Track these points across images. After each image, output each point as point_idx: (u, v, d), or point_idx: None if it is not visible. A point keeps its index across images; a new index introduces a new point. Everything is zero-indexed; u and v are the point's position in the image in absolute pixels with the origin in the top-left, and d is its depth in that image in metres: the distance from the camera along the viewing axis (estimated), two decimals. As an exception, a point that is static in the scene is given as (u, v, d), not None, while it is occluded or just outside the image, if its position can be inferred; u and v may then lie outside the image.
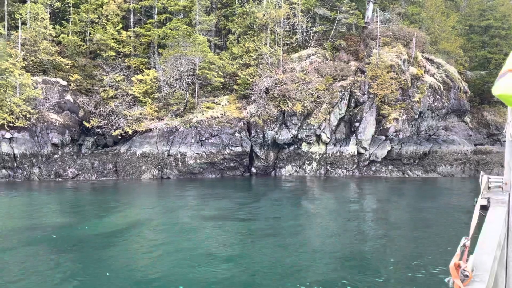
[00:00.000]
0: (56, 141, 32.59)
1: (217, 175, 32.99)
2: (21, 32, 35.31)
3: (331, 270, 10.76)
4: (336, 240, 14.18)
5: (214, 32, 41.39)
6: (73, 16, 39.55)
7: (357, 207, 21.30)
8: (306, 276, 10.23)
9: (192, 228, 15.56)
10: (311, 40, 38.14)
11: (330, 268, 10.93)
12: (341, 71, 36.01)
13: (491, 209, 4.92)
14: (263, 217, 18.03)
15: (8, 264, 11.23)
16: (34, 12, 36.61)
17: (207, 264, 11.15)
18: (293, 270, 10.70)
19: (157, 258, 11.80)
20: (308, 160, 34.27)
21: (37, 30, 35.72)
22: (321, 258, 11.84)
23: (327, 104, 34.59)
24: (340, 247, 13.09)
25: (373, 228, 16.23)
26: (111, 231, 14.88)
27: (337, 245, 13.39)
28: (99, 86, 36.74)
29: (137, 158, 32.77)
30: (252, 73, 34.92)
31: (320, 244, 13.47)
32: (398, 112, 35.75)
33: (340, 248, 12.95)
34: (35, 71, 35.08)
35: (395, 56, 36.94)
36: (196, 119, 32.86)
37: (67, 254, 12.06)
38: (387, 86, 35.18)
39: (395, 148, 36.02)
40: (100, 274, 10.30)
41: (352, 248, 12.90)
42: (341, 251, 12.64)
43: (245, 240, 14.10)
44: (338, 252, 12.46)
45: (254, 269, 10.80)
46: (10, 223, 16.22)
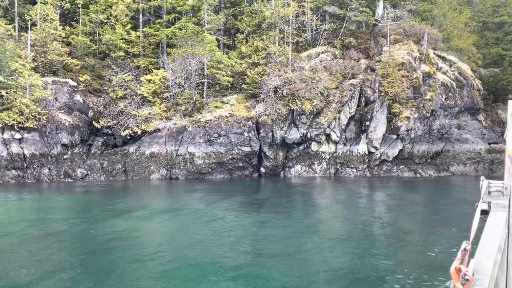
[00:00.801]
0: (65, 142, 32.69)
1: (225, 175, 32.77)
2: (31, 33, 35.52)
3: (340, 274, 10.44)
4: (347, 244, 13.84)
5: (222, 31, 41.18)
6: (82, 16, 39.70)
7: (369, 210, 20.88)
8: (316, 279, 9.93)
9: (201, 228, 15.35)
10: (321, 38, 37.69)
11: (339, 272, 10.61)
12: (351, 70, 35.52)
13: (491, 214, 4.62)
14: (273, 217, 17.74)
15: (20, 263, 11.24)
16: (44, 13, 36.81)
17: (216, 268, 10.97)
18: (303, 273, 10.41)
19: (166, 258, 11.63)
20: (317, 159, 33.86)
21: (47, 31, 35.90)
22: (331, 263, 11.52)
23: (337, 103, 34.13)
24: (350, 251, 12.75)
25: (385, 230, 15.85)
26: (120, 233, 14.72)
27: (348, 249, 13.04)
28: (108, 87, 36.81)
29: (145, 158, 32.71)
30: (261, 72, 34.62)
31: (331, 249, 13.14)
32: (410, 111, 35.16)
33: (351, 251, 12.61)
34: (45, 72, 35.25)
35: (406, 53, 36.34)
36: (205, 119, 32.68)
37: (78, 254, 11.96)
38: (398, 84, 34.60)
39: (407, 147, 35.45)
40: (109, 275, 10.21)
41: (364, 253, 12.55)
42: (351, 253, 12.31)
43: (255, 243, 13.83)
44: (348, 254, 12.14)
45: (263, 275, 10.52)
46: (22, 225, 16.18)
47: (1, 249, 12.40)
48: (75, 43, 37.74)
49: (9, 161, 29.27)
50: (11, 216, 18.03)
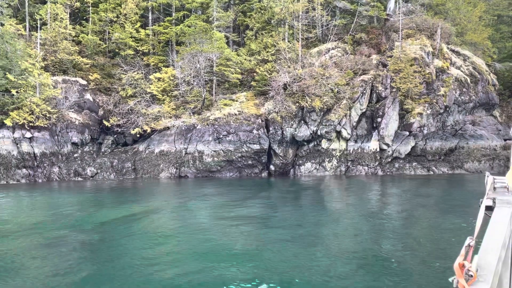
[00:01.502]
0: (75, 140, 32.79)
1: (235, 173, 32.53)
2: (42, 33, 35.69)
3: (351, 272, 10.10)
4: (359, 241, 13.47)
5: (232, 28, 40.92)
6: (92, 15, 39.76)
7: (382, 209, 20.43)
8: (327, 277, 9.61)
9: (212, 227, 15.12)
10: (331, 34, 37.17)
11: (350, 270, 10.26)
12: (362, 65, 34.93)
13: (496, 210, 4.57)
14: (283, 217, 17.44)
15: (33, 260, 11.23)
16: (54, 12, 36.96)
17: (226, 262, 10.94)
18: (314, 271, 10.10)
19: (177, 255, 11.46)
20: (328, 157, 33.41)
21: (57, 30, 36.02)
22: (342, 260, 11.17)
23: (348, 99, 33.60)
24: (362, 250, 12.38)
25: (398, 231, 15.42)
26: (131, 232, 14.57)
27: (359, 247, 12.68)
28: (118, 85, 36.84)
29: (155, 156, 32.65)
30: (270, 69, 34.26)
31: (342, 247, 12.78)
32: (423, 107, 34.48)
33: (362, 250, 12.24)
34: (55, 70, 35.40)
35: (419, 48, 35.64)
36: (214, 117, 32.47)
37: (88, 254, 11.86)
38: (410, 80, 33.95)
39: (420, 144, 34.79)
40: (119, 271, 10.17)
41: (375, 254, 12.17)
42: (362, 252, 11.94)
43: (265, 241, 13.54)
44: (359, 253, 11.77)
45: (272, 267, 10.26)
46: (34, 223, 16.16)
47: (14, 247, 12.34)
48: (85, 42, 37.82)
49: (19, 160, 29.44)
50: (23, 215, 18.04)
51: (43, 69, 33.47)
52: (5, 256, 11.58)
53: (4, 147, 29.14)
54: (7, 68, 30.35)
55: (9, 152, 29.19)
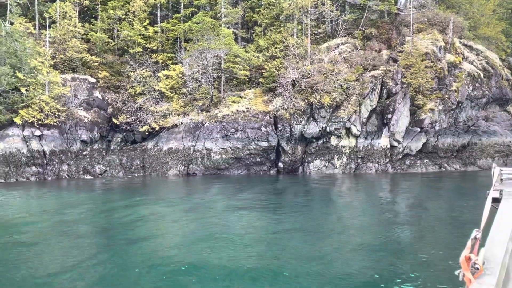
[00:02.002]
0: (85, 138, 32.90)
1: (243, 170, 32.33)
2: (51, 31, 35.84)
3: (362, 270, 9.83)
4: (373, 234, 13.16)
5: (240, 24, 40.64)
6: (101, 13, 39.85)
7: (394, 208, 20.04)
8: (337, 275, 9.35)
9: (220, 225, 14.94)
10: (340, 29, 36.64)
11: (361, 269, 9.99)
12: (372, 61, 34.40)
13: (503, 202, 4.45)
14: (293, 217, 17.19)
15: (46, 257, 11.28)
16: (63, 10, 37.08)
17: (238, 257, 10.94)
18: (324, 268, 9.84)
19: (185, 254, 11.34)
20: (337, 154, 33.01)
21: (66, 29, 36.14)
22: (354, 257, 10.90)
23: (357, 95, 33.13)
24: (376, 242, 12.08)
25: (412, 226, 15.07)
26: (141, 230, 14.45)
27: (373, 240, 12.38)
28: (126, 83, 36.89)
29: (163, 154, 32.61)
30: (279, 65, 33.92)
31: (357, 240, 12.50)
32: (434, 102, 33.86)
33: (376, 243, 11.95)
34: (65, 69, 35.54)
35: (430, 43, 34.96)
36: (222, 114, 32.28)
37: (98, 252, 11.81)
38: (421, 75, 33.34)
39: (431, 141, 34.17)
40: (130, 269, 10.11)
41: (389, 246, 11.86)
42: (376, 245, 11.65)
43: (276, 238, 13.32)
44: (372, 246, 11.48)
45: (283, 262, 10.05)
46: (46, 221, 16.17)
47: (27, 243, 12.32)
48: (94, 39, 37.91)
49: (29, 158, 29.61)
50: (34, 212, 18.08)
51: (53, 67, 33.63)
52: (17, 254, 11.55)
53: (13, 145, 29.35)
54: (17, 66, 30.54)
55: (19, 150, 29.38)
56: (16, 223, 15.69)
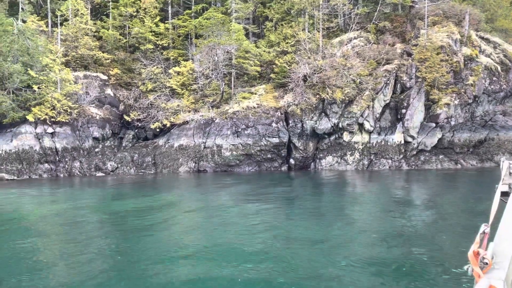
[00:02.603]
0: (96, 135, 33.02)
1: (254, 167, 32.05)
2: (63, 29, 36.03)
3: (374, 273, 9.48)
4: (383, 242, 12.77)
5: (251, 20, 40.28)
6: (112, 10, 39.90)
7: (409, 206, 19.52)
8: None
9: (232, 222, 14.70)
10: (353, 23, 35.97)
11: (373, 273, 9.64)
12: (385, 55, 33.71)
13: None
14: (304, 213, 16.85)
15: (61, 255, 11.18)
16: (75, 8, 37.22)
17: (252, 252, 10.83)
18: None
19: (198, 251, 11.13)
20: (350, 150, 32.48)
21: (78, 26, 36.28)
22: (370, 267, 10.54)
23: (370, 90, 32.51)
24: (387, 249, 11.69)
25: (428, 222, 14.60)
26: (154, 229, 14.30)
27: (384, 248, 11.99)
28: (138, 80, 36.89)
29: (174, 151, 32.53)
30: (290, 61, 33.48)
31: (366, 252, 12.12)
32: (450, 97, 33.07)
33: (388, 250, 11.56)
34: (77, 66, 35.70)
35: (446, 36, 34.12)
36: (232, 110, 32.02)
37: (111, 250, 11.67)
38: (437, 69, 32.56)
39: (447, 136, 33.39)
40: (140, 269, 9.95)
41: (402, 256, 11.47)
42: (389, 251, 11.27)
43: (290, 231, 13.03)
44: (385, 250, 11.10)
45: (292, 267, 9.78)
46: (59, 218, 16.18)
47: (39, 241, 12.28)
48: (106, 37, 38.00)
49: (41, 155, 29.83)
50: (47, 209, 18.12)
51: (65, 65, 33.81)
52: (32, 252, 11.53)
53: (26, 142, 29.60)
54: (29, 64, 30.74)
55: (31, 147, 29.62)
56: (28, 219, 15.70)
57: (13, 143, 29.36)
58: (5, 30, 30.09)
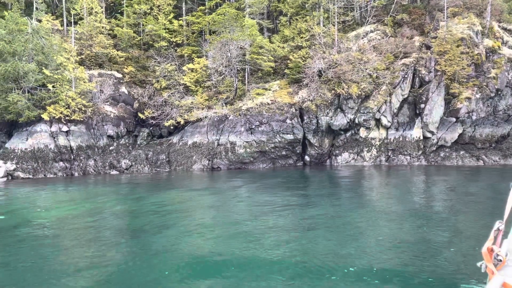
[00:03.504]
0: (111, 133, 33.04)
1: (268, 164, 31.58)
2: (77, 27, 36.17)
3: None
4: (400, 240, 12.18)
5: (266, 15, 39.72)
6: (126, 8, 39.88)
7: (432, 205, 18.79)
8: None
9: (248, 219, 14.33)
10: (369, 16, 35.09)
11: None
12: (403, 48, 32.77)
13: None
14: (320, 210, 16.34)
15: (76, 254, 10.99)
16: (89, 6, 37.32)
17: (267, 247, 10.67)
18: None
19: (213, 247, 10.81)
20: (367, 146, 31.69)
21: (92, 25, 36.36)
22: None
23: (388, 84, 31.65)
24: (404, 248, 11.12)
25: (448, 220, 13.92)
26: (168, 228, 14.05)
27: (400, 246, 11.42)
28: (152, 77, 36.80)
29: (188, 148, 32.31)
30: (304, 56, 32.83)
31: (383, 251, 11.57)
32: (471, 91, 31.92)
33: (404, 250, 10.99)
34: (91, 64, 35.81)
35: (467, 27, 32.94)
36: (246, 107, 31.59)
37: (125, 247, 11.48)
38: (457, 62, 31.46)
39: (468, 131, 32.27)
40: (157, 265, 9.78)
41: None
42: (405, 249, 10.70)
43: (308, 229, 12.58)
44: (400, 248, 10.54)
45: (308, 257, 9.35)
46: (78, 216, 16.10)
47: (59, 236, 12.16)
48: (120, 35, 38.00)
49: (56, 154, 29.97)
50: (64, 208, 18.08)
51: (79, 63, 33.93)
52: (47, 247, 11.47)
53: (41, 141, 29.76)
54: (44, 63, 30.89)
55: (46, 145, 29.77)
56: (43, 216, 15.63)
57: (28, 142, 29.57)
58: (19, 29, 30.27)
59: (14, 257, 10.75)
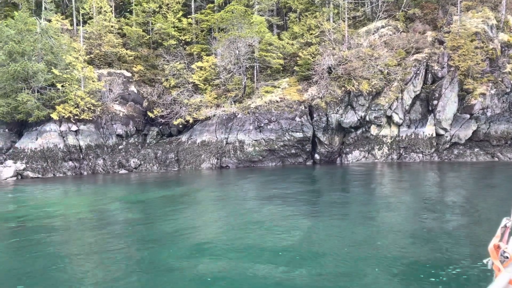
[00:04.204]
0: (120, 132, 33.02)
1: (277, 163, 31.21)
2: (87, 27, 36.20)
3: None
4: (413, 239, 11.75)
5: (275, 12, 39.27)
6: (135, 7, 39.80)
7: (443, 202, 18.25)
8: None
9: (258, 219, 14.04)
10: (380, 11, 34.41)
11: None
12: (415, 43, 32.07)
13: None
14: (330, 209, 15.96)
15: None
16: (98, 6, 37.33)
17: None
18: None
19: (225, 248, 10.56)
20: (378, 144, 31.11)
21: (101, 24, 36.36)
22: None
23: (399, 81, 31.00)
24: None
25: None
26: (179, 226, 13.84)
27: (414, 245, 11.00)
28: (161, 76, 36.68)
29: (197, 147, 32.11)
30: (314, 52, 32.32)
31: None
32: (485, 86, 31.12)
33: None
34: (101, 64, 35.81)
35: (481, 21, 32.12)
36: (254, 105, 31.24)
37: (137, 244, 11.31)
38: (471, 57, 30.66)
39: (482, 128, 31.45)
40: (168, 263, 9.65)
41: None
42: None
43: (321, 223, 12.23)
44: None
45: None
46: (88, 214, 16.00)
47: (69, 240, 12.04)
48: (129, 33, 37.94)
49: (65, 153, 30.04)
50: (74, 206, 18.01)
51: (89, 63, 33.93)
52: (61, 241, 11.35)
53: (51, 141, 29.86)
54: (53, 62, 30.97)
55: (56, 145, 29.85)
56: (52, 215, 15.56)
57: (38, 142, 29.69)
58: (28, 29, 30.36)
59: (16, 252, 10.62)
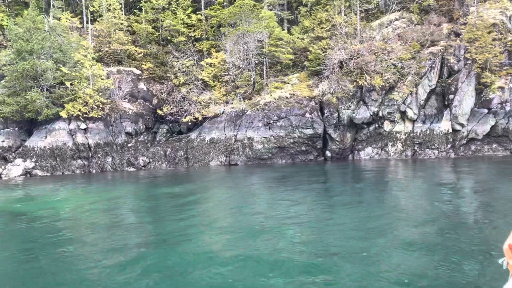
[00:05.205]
0: (129, 130, 32.79)
1: (287, 160, 30.55)
2: (96, 24, 36.06)
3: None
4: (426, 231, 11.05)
5: (285, 6, 38.54)
6: (144, 4, 39.54)
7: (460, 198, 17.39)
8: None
9: (268, 217, 13.50)
10: (393, 4, 33.39)
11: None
12: (430, 36, 30.99)
13: None
14: (342, 209, 15.31)
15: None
16: (107, 3, 37.15)
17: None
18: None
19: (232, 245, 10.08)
20: (391, 140, 30.19)
21: (110, 21, 36.17)
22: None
23: (413, 75, 30.00)
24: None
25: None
26: (188, 227, 13.40)
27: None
28: (171, 73, 36.34)
29: (206, 144, 31.68)
30: (325, 47, 31.53)
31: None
32: (504, 80, 29.92)
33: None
34: (110, 61, 35.64)
35: (499, 12, 30.87)
36: (264, 101, 30.61)
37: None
38: (488, 49, 29.48)
39: (501, 123, 30.24)
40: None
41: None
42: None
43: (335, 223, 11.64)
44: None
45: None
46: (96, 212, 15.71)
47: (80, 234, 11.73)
48: (138, 31, 37.70)
49: (74, 151, 29.92)
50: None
51: (98, 61, 33.77)
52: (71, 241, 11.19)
53: (60, 139, 29.77)
54: (61, 61, 30.85)
55: (65, 143, 29.76)
56: (61, 214, 15.30)
57: (47, 140, 29.62)
58: (37, 27, 30.30)
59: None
